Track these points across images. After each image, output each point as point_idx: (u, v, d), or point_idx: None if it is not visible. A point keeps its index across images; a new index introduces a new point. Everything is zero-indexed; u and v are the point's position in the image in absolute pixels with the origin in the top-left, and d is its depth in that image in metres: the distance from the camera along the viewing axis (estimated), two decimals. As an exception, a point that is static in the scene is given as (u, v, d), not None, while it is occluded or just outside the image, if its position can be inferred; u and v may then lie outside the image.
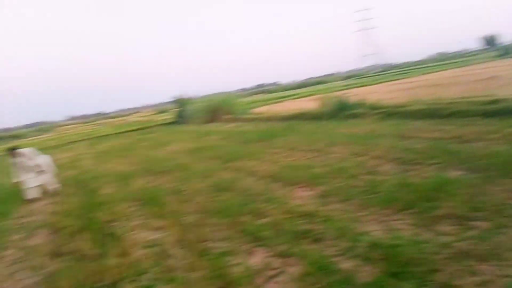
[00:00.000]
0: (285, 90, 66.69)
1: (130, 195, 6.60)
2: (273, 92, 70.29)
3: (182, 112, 27.37)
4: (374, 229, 3.66)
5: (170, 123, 28.29)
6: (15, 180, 7.54)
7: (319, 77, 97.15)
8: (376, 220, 3.91)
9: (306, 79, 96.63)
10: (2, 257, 4.60)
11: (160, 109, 79.02)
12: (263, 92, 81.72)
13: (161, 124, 28.89)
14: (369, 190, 4.75)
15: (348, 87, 34.04)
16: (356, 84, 39.97)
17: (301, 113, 15.94)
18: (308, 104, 18.21)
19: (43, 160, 7.78)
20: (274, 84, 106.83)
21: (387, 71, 72.25)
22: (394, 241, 3.24)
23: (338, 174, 5.78)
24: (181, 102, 28.45)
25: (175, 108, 34.50)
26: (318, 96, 18.06)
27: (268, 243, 3.70)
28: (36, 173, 7.45)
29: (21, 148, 7.59)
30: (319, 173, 5.97)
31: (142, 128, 27.54)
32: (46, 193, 7.62)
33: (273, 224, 4.15)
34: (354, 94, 15.66)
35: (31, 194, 7.36)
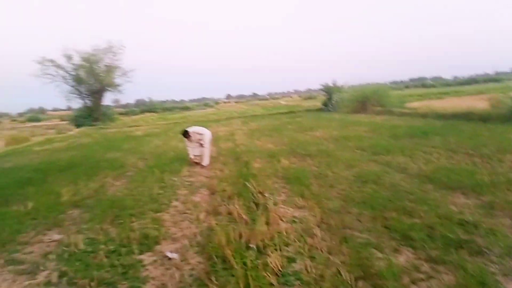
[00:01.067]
0: (447, 86, 59.87)
1: (277, 172, 6.99)
2: (433, 87, 63.72)
3: (330, 100, 27.32)
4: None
5: (317, 110, 28.64)
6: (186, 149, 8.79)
7: (489, 74, 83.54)
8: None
9: (474, 76, 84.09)
10: (171, 207, 5.46)
11: (308, 95, 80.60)
12: (419, 86, 74.92)
13: (308, 110, 29.50)
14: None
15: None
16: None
17: (466, 112, 14.11)
18: (475, 102, 16.01)
19: (205, 134, 8.82)
20: (435, 78, 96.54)
21: None
22: None
23: (510, 186, 4.95)
24: (329, 90, 28.40)
25: (323, 96, 34.64)
26: (490, 95, 15.65)
27: (417, 245, 3.45)
28: (199, 144, 8.55)
29: (192, 127, 8.74)
30: (484, 181, 5.21)
31: (290, 112, 28.60)
32: (204, 160, 8.65)
33: (424, 226, 3.84)
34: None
35: (194, 160, 8.51)
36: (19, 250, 4.16)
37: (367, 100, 22.46)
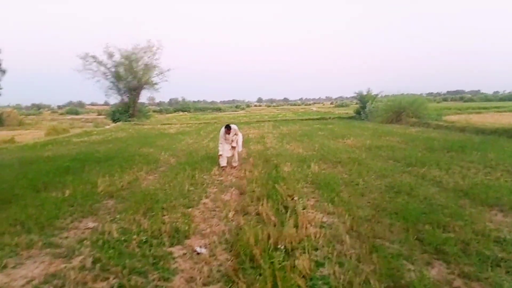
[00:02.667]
0: (487, 101, 57.54)
1: (306, 177, 6.96)
2: (471, 101, 61.44)
3: (363, 108, 26.90)
4: None
5: (349, 118, 28.28)
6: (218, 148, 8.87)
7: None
8: None
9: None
10: (201, 204, 5.56)
11: (340, 102, 79.77)
12: (457, 99, 72.43)
13: (340, 117, 29.16)
14: None
15: None
16: None
17: (507, 129, 13.53)
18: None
19: (239, 135, 8.89)
20: (474, 92, 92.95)
21: None
22: None
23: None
24: (363, 98, 27.97)
25: (355, 104, 34.17)
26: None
27: (451, 260, 3.35)
28: (230, 145, 8.63)
29: (231, 124, 8.84)
30: (525, 200, 4.99)
31: (321, 118, 28.40)
32: (235, 161, 8.73)
33: (458, 241, 3.73)
34: None
35: (224, 160, 8.60)
36: (56, 234, 4.36)
37: (402, 111, 21.93)
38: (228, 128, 8.51)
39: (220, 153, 8.46)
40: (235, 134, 8.64)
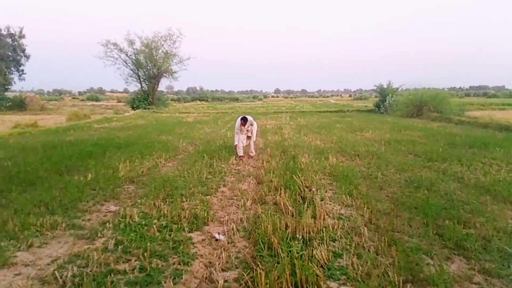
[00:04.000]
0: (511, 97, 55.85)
1: (324, 169, 6.94)
2: (495, 97, 59.71)
3: (383, 102, 26.49)
4: None
5: (368, 111, 27.92)
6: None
7: None
8: None
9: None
10: (218, 192, 5.62)
11: (359, 95, 78.72)
12: (480, 94, 70.50)
13: (359, 110, 28.82)
14: None
15: None
16: None
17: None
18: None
19: (254, 125, 8.90)
20: (498, 88, 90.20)
21: None
22: None
23: None
24: (383, 91, 27.52)
25: (375, 97, 33.65)
26: None
27: (471, 256, 3.31)
28: (246, 135, 8.67)
29: (247, 116, 8.86)
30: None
31: (340, 111, 28.13)
32: (252, 151, 8.76)
33: (479, 238, 3.69)
34: None
35: (241, 150, 8.65)
36: (79, 216, 4.49)
37: (424, 105, 21.52)
38: (244, 120, 8.54)
39: (236, 143, 8.52)
40: (251, 125, 8.68)
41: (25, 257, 3.39)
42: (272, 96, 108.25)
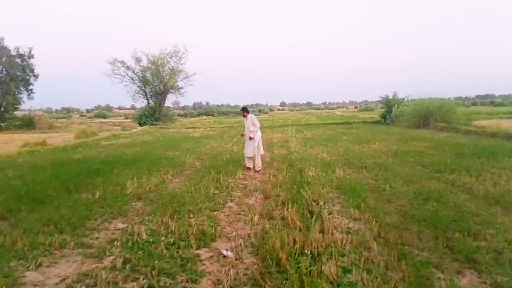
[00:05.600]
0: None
1: (331, 182, 6.91)
2: (502, 105, 59.26)
3: (389, 113, 26.44)
4: None
5: (374, 122, 27.86)
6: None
7: None
8: None
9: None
10: (226, 207, 5.62)
11: (365, 107, 78.67)
12: (487, 103, 70.09)
13: (365, 122, 28.76)
14: None
15: None
16: None
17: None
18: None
19: (257, 126, 8.93)
20: (504, 96, 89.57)
21: None
22: None
23: None
24: (389, 102, 27.50)
25: (381, 108, 33.60)
26: None
27: (482, 269, 3.26)
28: (254, 147, 8.69)
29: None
30: None
31: (345, 123, 28.09)
32: (258, 166, 8.76)
33: (490, 250, 3.63)
34: None
35: (249, 162, 8.68)
36: (87, 235, 4.50)
37: (430, 115, 21.42)
38: (244, 110, 8.73)
39: (246, 155, 8.68)
40: (254, 124, 8.74)
41: (34, 277, 3.40)
42: (278, 109, 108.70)
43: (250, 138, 8.73)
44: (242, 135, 9.35)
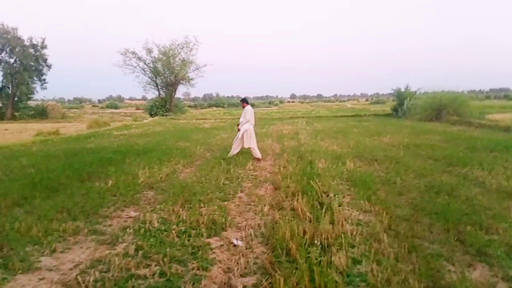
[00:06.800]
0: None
1: (341, 174, 6.90)
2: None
3: (401, 105, 26.15)
4: None
5: (385, 115, 27.60)
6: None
7: None
8: None
9: None
10: (236, 198, 5.66)
11: (376, 99, 77.88)
12: (501, 97, 68.77)
13: (376, 115, 28.50)
14: None
15: None
16: None
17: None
18: None
19: (245, 117, 9.20)
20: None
21: None
22: None
23: None
24: (401, 95, 27.18)
25: (392, 101, 33.26)
26: None
27: (494, 262, 3.23)
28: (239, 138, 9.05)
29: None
30: None
31: (356, 115, 27.88)
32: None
33: (502, 244, 3.59)
34: None
35: (257, 154, 8.74)
36: (100, 222, 4.58)
37: (443, 108, 21.14)
38: (243, 101, 9.33)
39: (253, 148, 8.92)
40: (244, 117, 9.12)
41: (49, 262, 3.48)
42: (288, 101, 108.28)
43: (238, 130, 9.08)
44: (237, 125, 9.56)
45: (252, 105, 9.98)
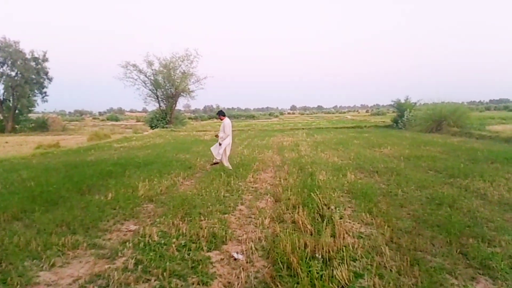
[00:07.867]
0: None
1: (342, 186, 6.87)
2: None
3: (401, 117, 26.22)
4: None
5: (386, 126, 27.65)
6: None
7: None
8: None
9: None
10: (236, 210, 5.62)
11: (376, 111, 78.09)
12: (501, 108, 68.97)
13: (376, 126, 28.56)
14: None
15: None
16: None
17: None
18: None
19: (226, 125, 9.47)
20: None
21: None
22: None
23: None
24: (401, 107, 27.29)
25: (392, 112, 33.36)
26: None
27: (497, 276, 3.21)
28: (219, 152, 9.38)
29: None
30: None
31: (356, 127, 27.94)
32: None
33: (505, 256, 3.56)
34: None
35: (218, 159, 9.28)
36: (100, 236, 4.54)
37: (443, 120, 21.18)
38: (219, 113, 9.72)
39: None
40: (223, 131, 9.43)
41: (48, 277, 3.44)
42: (288, 113, 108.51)
43: (220, 144, 9.32)
44: (216, 136, 10.05)
45: (252, 117, 10.08)
